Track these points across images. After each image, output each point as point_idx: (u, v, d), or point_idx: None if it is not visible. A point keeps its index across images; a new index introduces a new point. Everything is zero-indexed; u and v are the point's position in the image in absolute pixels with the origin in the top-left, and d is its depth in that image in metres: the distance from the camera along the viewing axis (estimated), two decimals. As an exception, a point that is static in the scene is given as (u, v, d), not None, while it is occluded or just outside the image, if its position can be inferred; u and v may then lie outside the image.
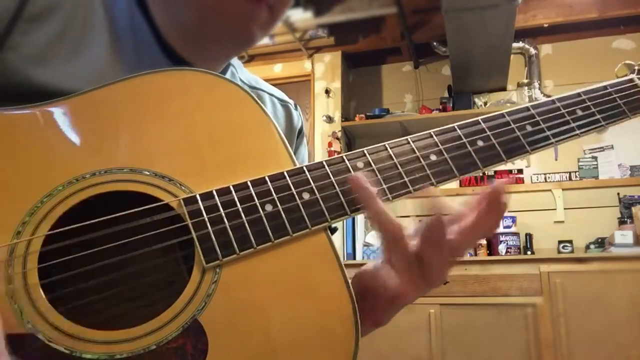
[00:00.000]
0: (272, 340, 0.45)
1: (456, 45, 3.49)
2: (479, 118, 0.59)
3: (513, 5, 3.03)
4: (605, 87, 0.66)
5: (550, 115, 0.62)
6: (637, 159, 3.71)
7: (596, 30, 3.81)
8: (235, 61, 0.75)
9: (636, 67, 0.70)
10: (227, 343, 0.44)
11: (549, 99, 0.63)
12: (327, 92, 4.19)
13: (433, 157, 0.55)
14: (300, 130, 0.81)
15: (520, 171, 3.89)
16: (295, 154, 0.80)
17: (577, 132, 0.62)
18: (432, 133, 0.57)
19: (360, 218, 3.78)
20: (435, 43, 4.07)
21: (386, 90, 4.38)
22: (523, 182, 3.85)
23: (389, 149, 0.55)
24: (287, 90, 0.85)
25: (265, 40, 4.19)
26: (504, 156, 0.57)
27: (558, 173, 3.82)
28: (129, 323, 0.44)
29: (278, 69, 4.40)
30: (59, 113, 0.50)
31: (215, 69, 0.68)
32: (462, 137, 0.57)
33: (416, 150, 0.56)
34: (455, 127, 0.58)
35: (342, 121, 4.11)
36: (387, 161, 0.55)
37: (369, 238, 3.79)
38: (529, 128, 0.60)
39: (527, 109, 0.61)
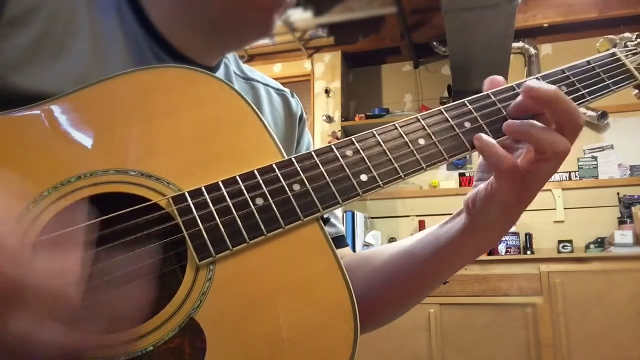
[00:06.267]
0: (271, 334, 0.45)
1: (456, 45, 3.49)
2: (465, 100, 0.59)
3: (513, 5, 3.03)
4: (588, 63, 0.66)
5: None
6: (637, 159, 3.71)
7: (596, 30, 3.80)
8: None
9: (617, 41, 0.70)
10: (225, 340, 0.44)
11: (534, 76, 0.62)
12: (327, 92, 4.19)
13: (422, 142, 0.55)
14: (301, 118, 0.80)
15: (520, 171, 3.89)
16: (299, 141, 0.78)
17: None
18: (418, 117, 0.57)
19: (360, 217, 3.78)
20: (435, 43, 4.07)
21: (386, 90, 4.38)
22: (523, 182, 3.84)
23: (377, 135, 0.55)
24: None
25: (265, 40, 4.20)
26: (491, 136, 0.57)
27: (558, 173, 3.81)
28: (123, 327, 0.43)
29: (278, 69, 4.39)
30: (40, 117, 0.48)
31: (213, 61, 0.67)
32: (449, 120, 0.57)
33: (404, 136, 0.55)
34: (442, 109, 0.58)
35: (342, 121, 4.12)
36: (376, 148, 0.54)
37: (369, 238, 3.78)
38: None
39: (513, 88, 0.60)
